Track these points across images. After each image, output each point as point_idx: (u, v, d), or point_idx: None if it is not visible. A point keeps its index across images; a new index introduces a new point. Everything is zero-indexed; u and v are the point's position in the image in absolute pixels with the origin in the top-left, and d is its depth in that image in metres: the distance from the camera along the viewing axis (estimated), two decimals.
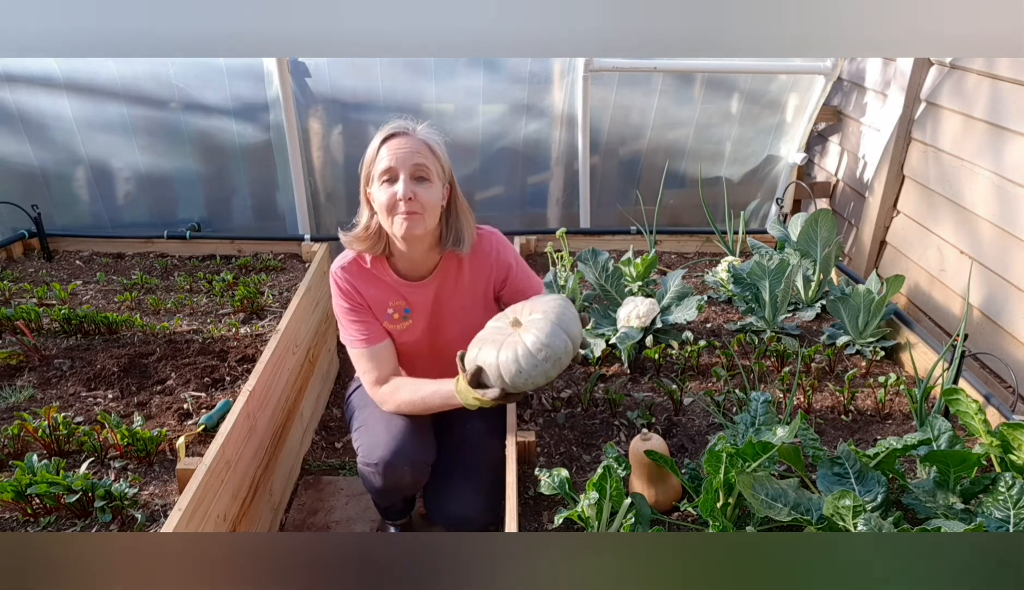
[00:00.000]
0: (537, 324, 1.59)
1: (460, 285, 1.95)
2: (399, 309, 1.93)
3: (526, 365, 1.55)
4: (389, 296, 1.92)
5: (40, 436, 1.81)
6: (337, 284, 1.90)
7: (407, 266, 1.91)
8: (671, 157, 3.43)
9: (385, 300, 1.91)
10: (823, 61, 3.15)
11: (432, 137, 1.81)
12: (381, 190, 1.76)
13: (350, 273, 1.89)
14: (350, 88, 3.13)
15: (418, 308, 1.94)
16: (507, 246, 1.99)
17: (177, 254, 3.15)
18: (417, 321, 1.95)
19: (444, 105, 3.24)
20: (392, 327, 1.94)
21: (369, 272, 1.90)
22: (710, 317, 2.67)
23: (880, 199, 3.11)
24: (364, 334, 1.89)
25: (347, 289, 1.89)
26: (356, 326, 1.89)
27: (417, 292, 1.92)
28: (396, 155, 1.73)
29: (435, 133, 1.83)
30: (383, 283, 1.91)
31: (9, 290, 2.67)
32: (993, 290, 2.52)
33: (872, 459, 1.60)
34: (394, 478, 1.86)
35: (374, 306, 1.91)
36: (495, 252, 1.95)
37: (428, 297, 1.93)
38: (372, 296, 1.91)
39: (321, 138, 3.22)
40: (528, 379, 1.56)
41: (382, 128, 1.80)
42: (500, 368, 1.57)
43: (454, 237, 1.86)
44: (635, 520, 1.56)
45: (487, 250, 1.94)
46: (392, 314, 1.93)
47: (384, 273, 1.91)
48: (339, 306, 1.91)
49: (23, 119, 3.02)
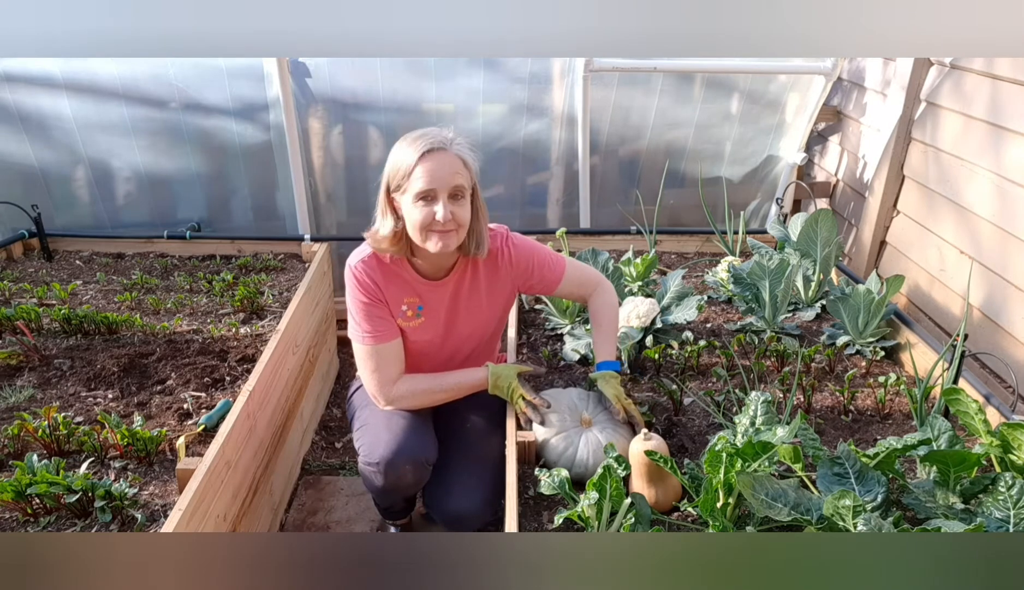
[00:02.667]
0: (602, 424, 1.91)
1: (476, 285, 1.96)
2: (412, 306, 1.93)
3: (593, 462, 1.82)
4: (405, 293, 1.92)
5: (40, 436, 1.80)
6: (356, 277, 1.88)
7: (427, 267, 1.92)
8: (671, 157, 3.43)
9: (401, 296, 1.92)
10: (823, 61, 3.15)
11: (465, 149, 1.77)
12: (416, 208, 1.73)
13: (370, 266, 1.88)
14: (350, 88, 3.13)
15: (433, 307, 1.94)
16: (520, 244, 1.99)
17: (177, 254, 3.15)
18: (431, 320, 1.95)
19: (444, 105, 3.24)
20: (405, 324, 1.94)
21: (388, 267, 1.90)
22: (710, 317, 2.67)
23: (880, 199, 3.11)
24: (377, 330, 1.88)
25: (366, 282, 1.87)
26: (370, 321, 1.88)
27: (434, 291, 1.93)
28: (435, 176, 1.70)
29: (467, 143, 1.80)
30: (401, 279, 1.91)
31: (9, 290, 2.67)
32: (993, 290, 2.52)
33: (872, 459, 1.60)
34: (396, 477, 1.86)
35: (390, 301, 1.91)
36: (508, 253, 1.96)
37: (444, 297, 1.94)
38: (389, 291, 1.90)
39: (321, 138, 3.22)
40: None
41: (416, 138, 1.73)
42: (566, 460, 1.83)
43: (476, 241, 1.87)
44: (635, 520, 1.56)
45: (498, 250, 1.95)
46: (406, 311, 1.93)
47: (403, 270, 1.91)
48: (356, 299, 1.88)
49: (23, 119, 3.02)
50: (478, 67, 3.13)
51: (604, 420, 1.91)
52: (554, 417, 1.90)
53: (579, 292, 2.08)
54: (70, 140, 3.08)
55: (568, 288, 2.06)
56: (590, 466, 1.79)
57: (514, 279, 2.00)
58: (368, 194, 3.34)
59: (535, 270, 2.00)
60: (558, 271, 2.02)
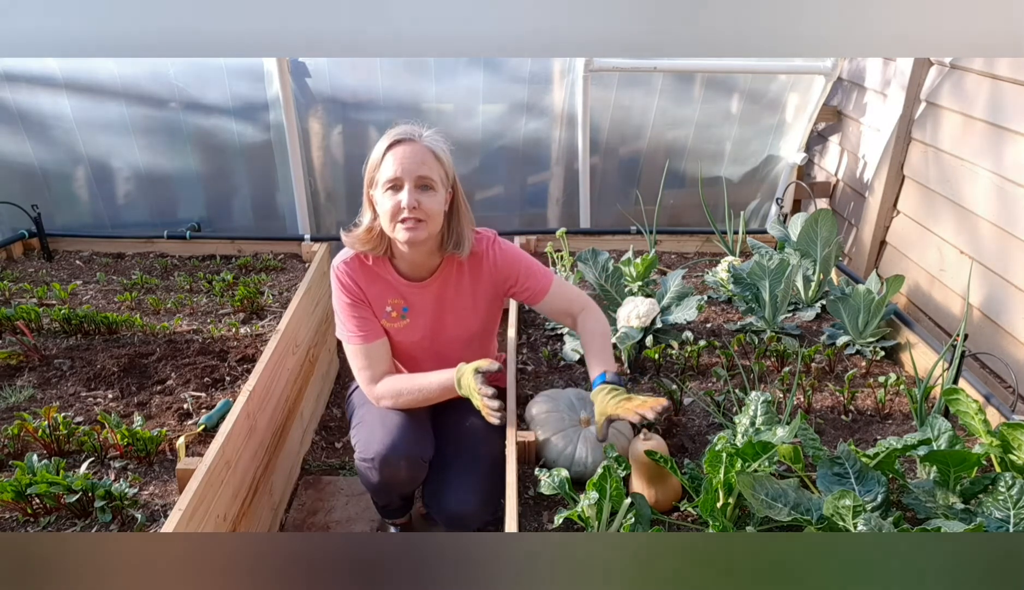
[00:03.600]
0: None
1: (461, 287, 1.96)
2: (397, 307, 1.94)
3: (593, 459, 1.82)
4: (389, 294, 1.93)
5: (40, 436, 1.81)
6: (339, 278, 1.91)
7: (408, 267, 1.93)
8: (671, 157, 3.43)
9: (384, 298, 1.93)
10: (823, 61, 3.15)
11: (437, 143, 1.81)
12: (385, 197, 1.76)
13: (352, 268, 1.90)
14: (350, 88, 3.13)
15: (418, 308, 1.95)
16: (507, 250, 1.98)
17: (177, 254, 3.15)
18: (417, 321, 1.96)
19: (444, 105, 3.24)
20: (390, 325, 1.95)
21: (371, 269, 1.92)
22: (710, 317, 2.67)
23: (880, 199, 3.11)
24: (362, 331, 1.91)
25: (348, 283, 1.90)
26: (354, 322, 1.91)
27: (418, 293, 1.93)
28: (402, 164, 1.74)
29: (440, 139, 1.83)
30: (384, 281, 1.92)
31: (9, 290, 2.67)
32: (993, 290, 2.52)
33: (872, 459, 1.60)
34: (390, 473, 1.87)
35: (373, 302, 1.92)
36: (493, 256, 1.95)
37: (429, 298, 1.94)
38: (372, 293, 1.92)
39: (321, 138, 3.22)
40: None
41: (387, 133, 1.80)
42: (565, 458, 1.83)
43: (455, 240, 1.87)
44: (635, 520, 1.56)
45: (483, 252, 1.95)
46: (390, 312, 1.94)
47: (386, 272, 1.92)
48: (340, 300, 1.92)
49: (23, 119, 3.02)
50: (478, 67, 3.14)
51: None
52: (554, 417, 1.90)
53: (566, 308, 2.00)
54: (70, 140, 3.08)
55: (554, 302, 1.99)
56: (589, 465, 1.79)
57: (496, 283, 1.98)
58: None
59: (520, 278, 1.97)
60: (544, 283, 1.98)
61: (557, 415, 1.90)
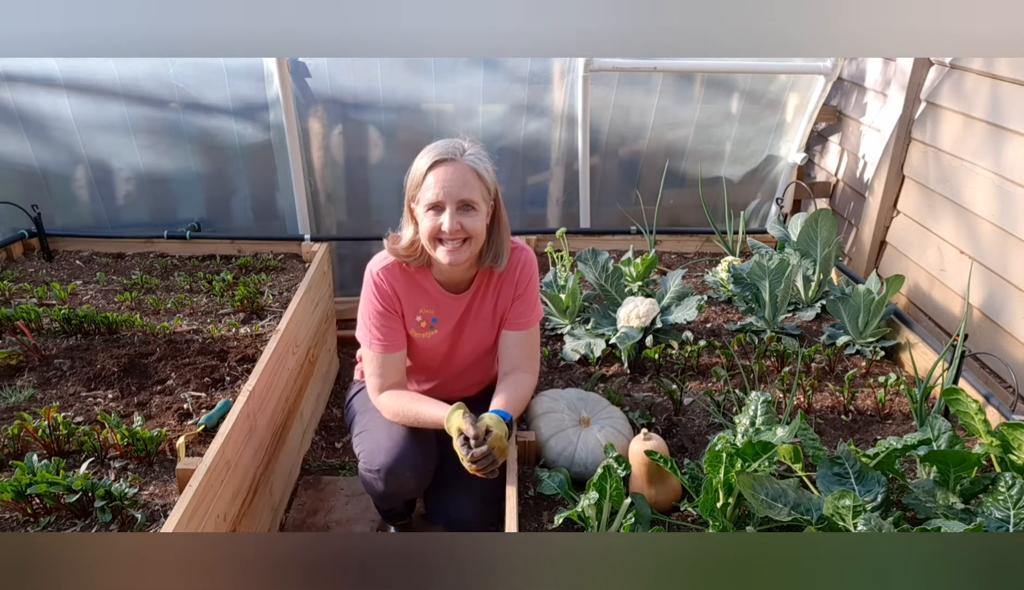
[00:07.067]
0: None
1: (487, 299, 1.94)
2: (427, 317, 1.92)
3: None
4: (423, 303, 1.91)
5: (40, 436, 1.80)
6: (376, 284, 1.87)
7: (446, 279, 1.91)
8: (671, 157, 3.43)
9: (418, 306, 1.91)
10: (823, 61, 3.15)
11: (479, 161, 1.77)
12: (427, 217, 1.74)
13: (391, 274, 1.87)
14: (350, 88, 3.13)
15: (447, 318, 1.94)
16: (531, 266, 1.95)
17: (177, 254, 3.15)
18: (443, 332, 1.95)
19: (444, 105, 3.24)
20: (417, 334, 1.94)
21: (411, 276, 1.89)
22: (710, 317, 2.67)
23: (880, 199, 3.11)
24: (385, 340, 1.88)
25: (386, 290, 1.87)
26: (380, 330, 1.88)
27: (452, 303, 1.92)
28: (443, 187, 1.71)
29: (482, 154, 1.80)
30: (421, 289, 1.90)
31: (9, 290, 2.67)
32: (993, 290, 2.52)
33: (872, 459, 1.60)
34: (396, 484, 1.87)
35: (406, 310, 1.90)
36: (520, 268, 1.92)
37: (460, 309, 1.93)
38: (408, 301, 1.89)
39: (321, 138, 3.22)
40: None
41: (429, 148, 1.77)
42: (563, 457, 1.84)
43: (494, 253, 1.85)
44: (635, 520, 1.56)
45: (515, 264, 1.92)
46: (420, 322, 1.92)
47: (425, 280, 1.90)
48: (370, 305, 1.88)
49: (23, 119, 3.02)
50: (478, 67, 3.13)
51: (603, 420, 1.91)
52: (554, 417, 1.90)
53: (518, 356, 1.94)
54: (70, 140, 3.08)
55: (513, 342, 1.94)
56: (589, 465, 1.79)
57: (510, 296, 1.94)
58: (368, 194, 3.35)
59: (523, 299, 1.94)
60: (530, 321, 1.95)
61: (557, 415, 1.90)
